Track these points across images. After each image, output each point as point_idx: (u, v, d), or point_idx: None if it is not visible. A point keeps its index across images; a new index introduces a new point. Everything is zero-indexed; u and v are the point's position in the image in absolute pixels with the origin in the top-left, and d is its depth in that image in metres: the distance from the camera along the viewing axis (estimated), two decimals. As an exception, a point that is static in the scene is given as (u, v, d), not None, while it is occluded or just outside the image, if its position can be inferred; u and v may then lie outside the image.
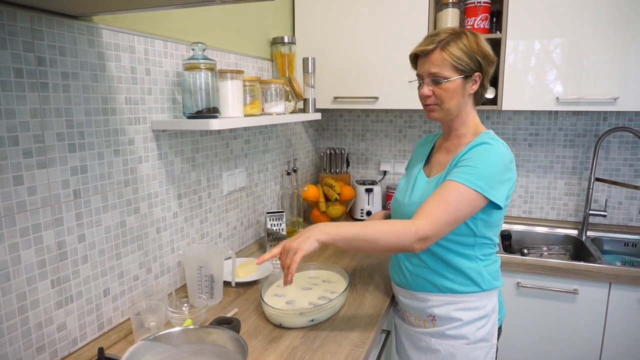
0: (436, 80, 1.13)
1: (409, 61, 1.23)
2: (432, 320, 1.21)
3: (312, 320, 1.19)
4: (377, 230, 1.02)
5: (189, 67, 1.21)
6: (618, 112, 2.04)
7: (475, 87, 1.15)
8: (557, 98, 1.78)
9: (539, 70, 1.80)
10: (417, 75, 1.19)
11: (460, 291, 1.17)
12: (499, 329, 1.25)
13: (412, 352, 1.28)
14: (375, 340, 1.19)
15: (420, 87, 1.19)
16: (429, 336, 1.22)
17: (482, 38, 1.15)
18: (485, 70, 1.14)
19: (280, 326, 1.19)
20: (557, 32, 1.76)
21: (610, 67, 1.71)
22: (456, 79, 1.12)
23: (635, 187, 1.86)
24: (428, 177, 1.23)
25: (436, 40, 1.12)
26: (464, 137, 1.19)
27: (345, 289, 1.29)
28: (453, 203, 1.03)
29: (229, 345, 0.89)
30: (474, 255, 1.16)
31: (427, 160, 1.30)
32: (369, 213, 2.22)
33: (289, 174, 2.00)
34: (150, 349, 0.86)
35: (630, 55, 1.68)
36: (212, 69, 1.23)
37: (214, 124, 1.18)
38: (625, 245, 2.00)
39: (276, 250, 1.05)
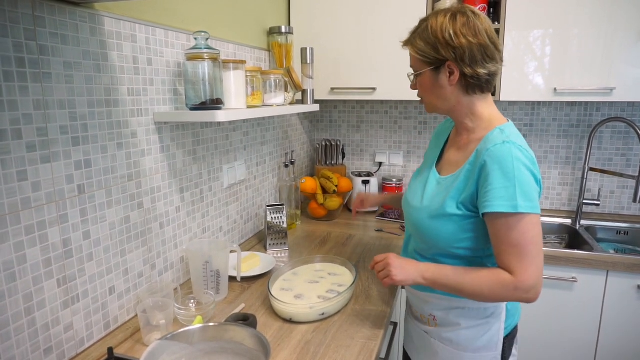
0: (414, 74, 1.10)
1: (408, 51, 1.20)
2: (433, 319, 1.16)
3: (323, 314, 1.18)
4: (475, 286, 0.98)
5: (192, 57, 1.17)
6: (611, 103, 2.07)
7: (455, 77, 1.01)
8: (555, 89, 1.79)
9: (537, 61, 1.81)
10: None
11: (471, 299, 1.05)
12: (511, 334, 1.13)
13: (419, 348, 1.23)
14: (386, 333, 1.18)
15: None
16: (430, 336, 1.16)
17: (456, 21, 0.99)
18: (456, 56, 0.99)
19: (290, 320, 1.18)
20: (555, 23, 1.76)
21: (608, 58, 1.73)
22: (424, 71, 1.05)
23: (623, 176, 1.89)
24: (440, 174, 1.13)
25: (411, 32, 1.09)
26: (474, 132, 1.07)
27: (354, 281, 1.28)
28: (529, 237, 0.93)
29: (247, 342, 0.87)
30: (482, 264, 1.07)
31: (441, 155, 1.19)
32: (366, 205, 2.21)
33: (287, 166, 1.97)
34: (166, 348, 0.84)
35: (627, 47, 1.70)
36: (215, 59, 1.19)
37: (220, 116, 1.15)
38: (617, 233, 2.05)
39: (379, 257, 1.09)
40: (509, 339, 1.12)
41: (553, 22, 1.76)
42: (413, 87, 1.12)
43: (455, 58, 0.99)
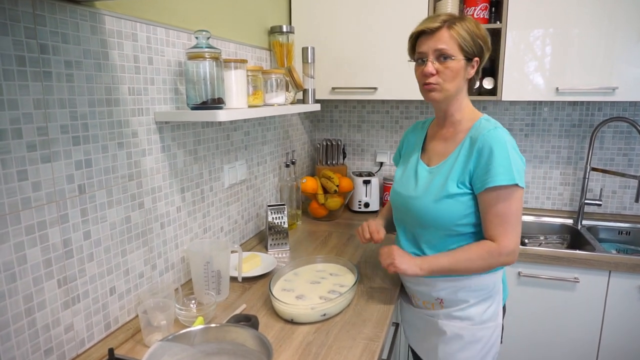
0: (443, 57, 1.12)
1: (408, 51, 1.22)
2: (440, 303, 1.24)
3: (324, 315, 1.17)
4: (467, 260, 1.12)
5: (193, 56, 1.17)
6: (613, 103, 2.06)
7: (473, 73, 1.17)
8: (557, 88, 1.78)
9: (539, 61, 1.80)
10: (419, 53, 1.16)
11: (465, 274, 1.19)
12: (504, 308, 1.29)
13: (423, 334, 1.31)
14: (388, 334, 1.18)
15: (421, 65, 1.16)
16: (437, 318, 1.24)
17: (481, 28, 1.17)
18: (483, 56, 1.17)
19: (291, 321, 1.17)
20: (556, 22, 1.76)
21: (610, 57, 1.72)
22: (461, 59, 1.12)
23: (624, 176, 1.89)
24: (428, 166, 1.23)
25: (440, 19, 1.12)
26: (460, 124, 1.20)
27: (356, 282, 1.27)
28: (513, 209, 1.09)
29: (248, 343, 0.86)
30: (484, 239, 1.16)
31: (423, 149, 1.29)
32: (366, 205, 2.21)
33: (287, 166, 1.97)
34: (167, 349, 0.83)
35: (629, 47, 1.69)
36: (216, 58, 1.18)
37: (221, 115, 1.14)
38: (619, 233, 2.04)
39: (384, 248, 1.21)
40: (503, 311, 1.28)
41: (554, 22, 1.76)
42: (432, 71, 1.13)
43: (482, 57, 1.17)
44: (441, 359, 1.25)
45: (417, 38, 1.17)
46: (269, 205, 1.70)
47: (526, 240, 2.07)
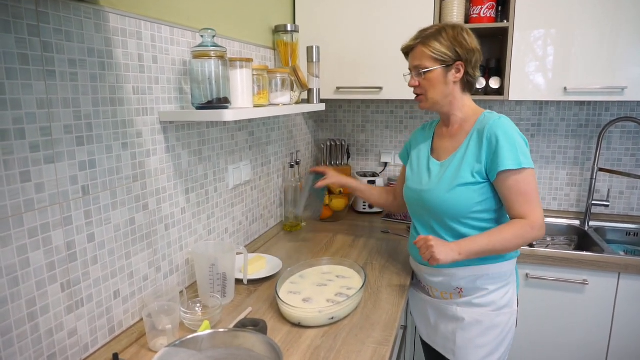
0: (419, 71, 1.25)
1: None
2: (459, 292, 1.29)
3: (332, 318, 1.15)
4: (503, 240, 1.14)
5: (198, 55, 1.15)
6: (620, 103, 2.04)
7: (460, 75, 1.23)
8: (565, 88, 1.76)
9: (546, 60, 1.78)
10: (408, 69, 1.32)
11: (483, 262, 1.23)
12: (517, 295, 1.32)
13: (439, 324, 1.34)
14: (397, 337, 1.16)
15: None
16: (455, 306, 1.29)
17: (465, 30, 1.23)
18: (465, 58, 1.22)
19: (299, 325, 1.15)
20: (565, 21, 1.73)
21: (619, 57, 1.70)
22: (436, 68, 1.22)
23: (631, 176, 1.87)
24: (439, 161, 1.30)
25: (420, 36, 1.25)
26: (465, 121, 1.28)
27: (363, 284, 1.25)
28: (532, 186, 1.16)
29: (257, 348, 0.84)
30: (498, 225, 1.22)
31: (432, 148, 1.37)
32: (371, 206, 2.19)
33: (292, 166, 1.95)
34: (174, 355, 0.81)
35: (638, 46, 1.67)
36: (222, 57, 1.16)
37: (227, 115, 1.12)
38: (627, 234, 2.02)
39: (420, 243, 1.16)
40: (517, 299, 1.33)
41: (561, 21, 1.73)
42: (414, 84, 1.28)
43: (466, 59, 1.22)
44: (460, 346, 1.28)
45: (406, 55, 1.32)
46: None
47: (533, 242, 2.04)
